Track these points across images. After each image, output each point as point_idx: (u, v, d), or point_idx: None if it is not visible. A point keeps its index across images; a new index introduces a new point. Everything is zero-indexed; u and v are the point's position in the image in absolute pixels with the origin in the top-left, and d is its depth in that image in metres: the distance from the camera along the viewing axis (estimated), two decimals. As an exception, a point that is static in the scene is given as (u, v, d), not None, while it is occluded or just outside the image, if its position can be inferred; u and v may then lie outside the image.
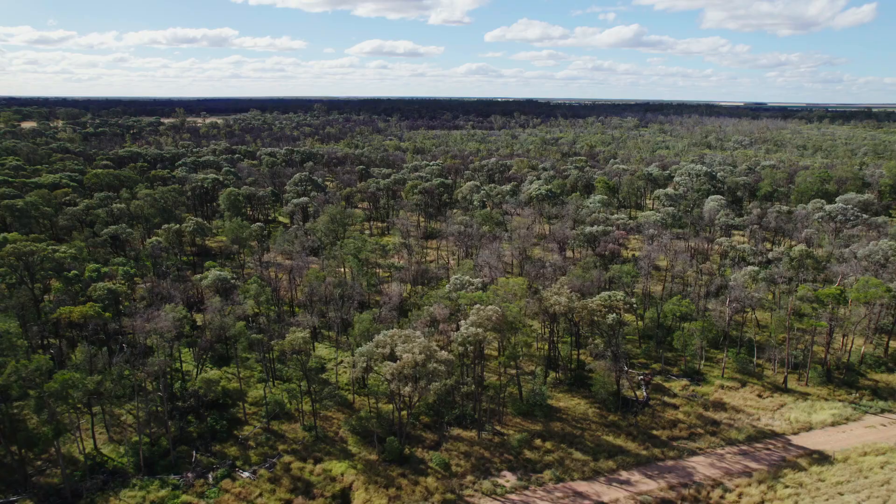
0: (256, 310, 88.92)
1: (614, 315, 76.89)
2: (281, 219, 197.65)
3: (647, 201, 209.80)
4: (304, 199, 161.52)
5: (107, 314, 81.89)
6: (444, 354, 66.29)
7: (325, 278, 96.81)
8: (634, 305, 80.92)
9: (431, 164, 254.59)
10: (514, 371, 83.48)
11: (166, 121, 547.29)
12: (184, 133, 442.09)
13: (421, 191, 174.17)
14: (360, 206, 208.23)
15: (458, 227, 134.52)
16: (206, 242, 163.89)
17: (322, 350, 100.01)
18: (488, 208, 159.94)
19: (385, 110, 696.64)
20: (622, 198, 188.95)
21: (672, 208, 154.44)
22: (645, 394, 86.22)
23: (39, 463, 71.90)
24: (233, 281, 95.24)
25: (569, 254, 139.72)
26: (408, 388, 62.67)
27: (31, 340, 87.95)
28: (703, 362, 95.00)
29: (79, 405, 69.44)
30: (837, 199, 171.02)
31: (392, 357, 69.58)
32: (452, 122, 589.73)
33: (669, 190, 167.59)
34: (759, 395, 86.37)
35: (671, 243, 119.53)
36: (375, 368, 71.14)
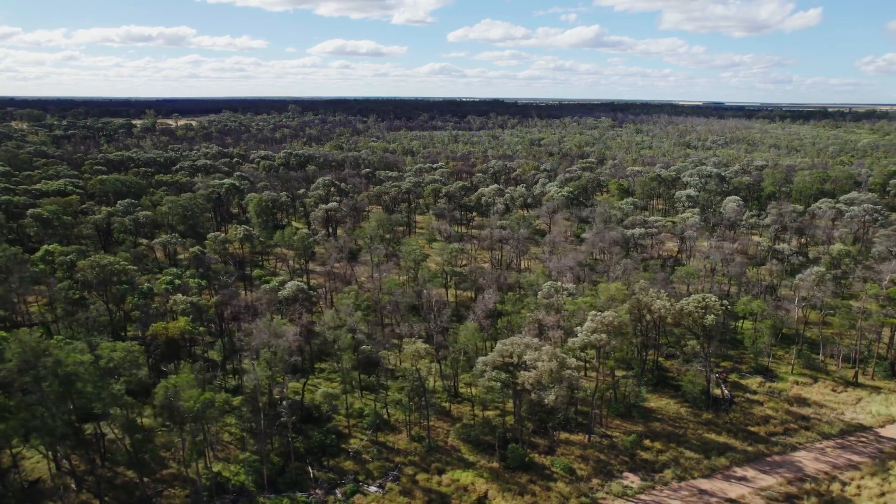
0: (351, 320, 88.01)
1: (712, 316, 79.68)
2: (296, 224, 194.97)
3: (656, 202, 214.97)
4: (333, 204, 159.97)
5: (200, 328, 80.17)
6: (572, 361, 67.63)
7: (402, 287, 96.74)
8: (728, 307, 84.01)
9: (435, 166, 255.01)
10: (609, 375, 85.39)
11: (137, 122, 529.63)
12: (161, 136, 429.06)
13: (446, 195, 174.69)
14: (371, 209, 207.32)
15: (501, 232, 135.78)
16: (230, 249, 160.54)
17: (395, 358, 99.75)
18: (517, 212, 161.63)
19: (361, 111, 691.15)
20: (636, 199, 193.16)
21: (697, 209, 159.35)
22: (727, 392, 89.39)
23: (154, 484, 70.07)
24: (310, 292, 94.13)
25: (600, 256, 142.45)
26: (552, 397, 63.74)
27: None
28: (770, 359, 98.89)
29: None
30: (842, 198, 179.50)
31: (509, 366, 70.55)
32: (430, 123, 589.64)
33: (690, 191, 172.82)
34: (833, 390, 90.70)
35: (720, 244, 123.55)
36: (494, 375, 71.89)
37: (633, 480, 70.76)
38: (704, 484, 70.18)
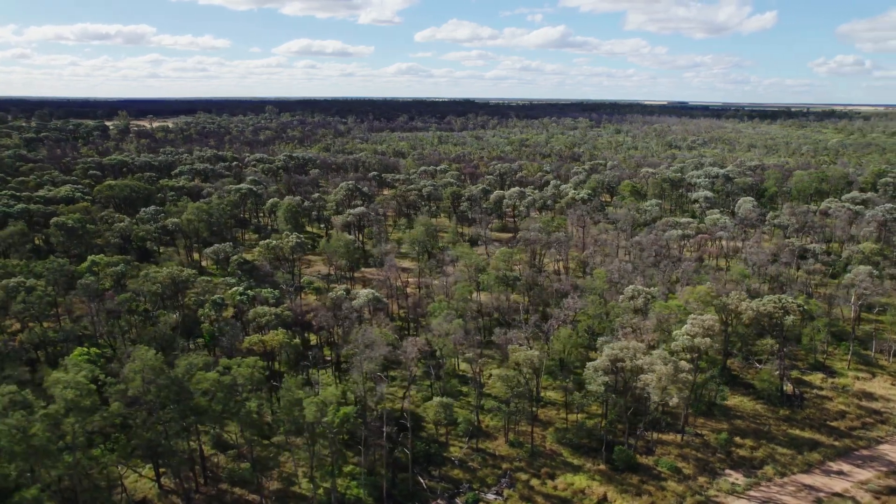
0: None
1: (792, 316, 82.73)
2: (310, 229, 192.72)
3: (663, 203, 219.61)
4: (361, 209, 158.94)
5: (295, 341, 79.15)
6: (685, 365, 69.41)
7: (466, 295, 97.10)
8: (805, 308, 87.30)
9: (438, 168, 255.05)
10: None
11: (109, 123, 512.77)
12: (140, 138, 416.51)
13: (468, 198, 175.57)
14: (388, 213, 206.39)
15: (537, 234, 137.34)
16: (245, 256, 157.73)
17: (463, 365, 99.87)
18: (539, 214, 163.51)
19: (339, 111, 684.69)
20: (659, 201, 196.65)
21: (717, 210, 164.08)
22: (796, 389, 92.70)
23: (267, 502, 68.92)
24: (384, 300, 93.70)
25: (625, 256, 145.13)
26: (675, 400, 65.39)
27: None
28: (826, 356, 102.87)
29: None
30: (844, 197, 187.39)
31: (620, 370, 72.04)
32: (411, 124, 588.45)
33: (707, 192, 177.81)
34: (893, 384, 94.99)
35: (757, 244, 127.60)
36: (598, 379, 73.20)
37: (737, 478, 72.98)
38: (806, 479, 72.90)
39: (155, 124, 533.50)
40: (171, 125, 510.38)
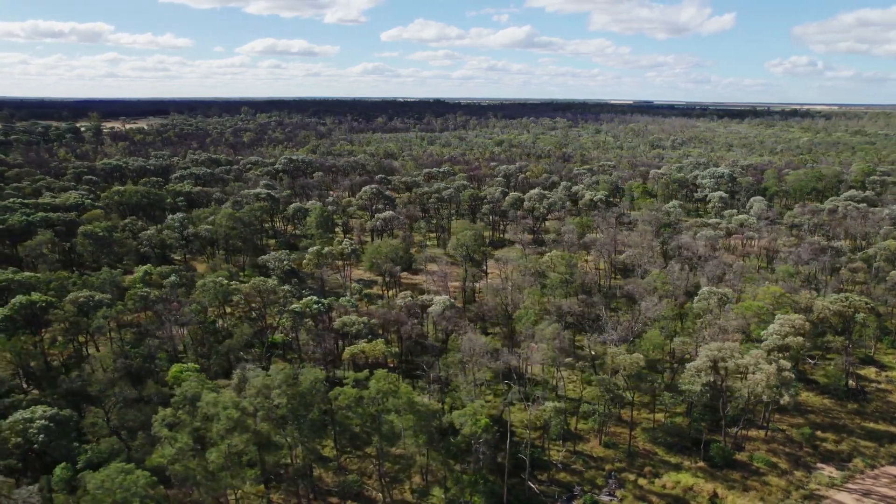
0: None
1: (862, 314, 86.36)
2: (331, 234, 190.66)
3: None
4: (390, 213, 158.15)
5: (394, 349, 78.76)
6: (785, 363, 71.83)
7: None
8: (872, 306, 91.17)
9: (442, 170, 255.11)
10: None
11: (80, 125, 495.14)
12: (119, 140, 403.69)
13: (489, 201, 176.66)
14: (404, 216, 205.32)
15: (570, 236, 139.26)
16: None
17: (535, 369, 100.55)
18: (570, 217, 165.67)
19: (316, 112, 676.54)
20: (681, 202, 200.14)
21: (735, 210, 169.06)
22: (857, 383, 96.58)
23: (385, 512, 68.52)
24: (456, 305, 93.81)
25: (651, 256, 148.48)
26: (786, 398, 67.66)
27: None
28: (873, 351, 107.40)
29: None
30: (843, 195, 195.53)
31: (720, 369, 74.08)
32: (390, 125, 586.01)
33: (722, 193, 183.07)
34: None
35: (797, 244, 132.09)
36: (699, 379, 75.15)
37: (830, 471, 75.86)
38: (895, 470, 76.25)
39: (127, 126, 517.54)
40: (145, 127, 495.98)
